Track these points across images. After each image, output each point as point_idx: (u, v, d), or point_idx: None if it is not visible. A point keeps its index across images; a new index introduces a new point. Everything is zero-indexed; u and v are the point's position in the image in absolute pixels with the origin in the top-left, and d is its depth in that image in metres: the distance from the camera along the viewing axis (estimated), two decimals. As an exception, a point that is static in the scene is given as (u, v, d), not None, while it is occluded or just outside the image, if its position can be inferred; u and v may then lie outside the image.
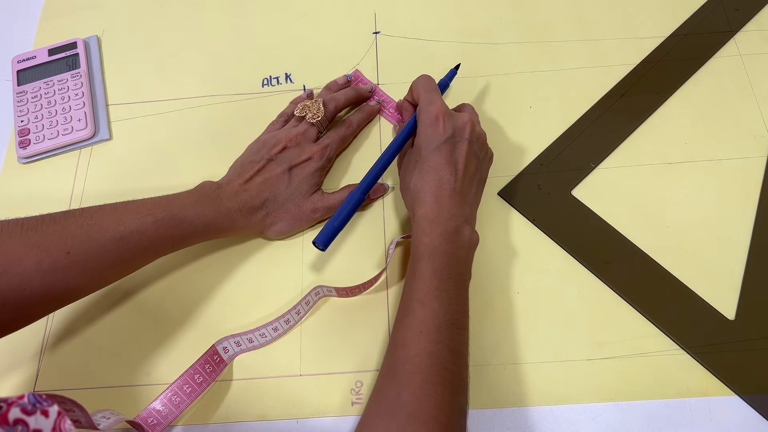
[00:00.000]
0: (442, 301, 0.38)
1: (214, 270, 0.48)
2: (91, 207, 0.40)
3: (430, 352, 0.36)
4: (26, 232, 0.36)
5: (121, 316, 0.47)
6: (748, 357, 0.43)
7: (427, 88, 0.47)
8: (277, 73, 0.57)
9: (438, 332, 0.37)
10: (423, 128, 0.44)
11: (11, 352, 0.46)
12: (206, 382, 0.43)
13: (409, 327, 0.38)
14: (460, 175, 0.43)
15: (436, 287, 0.39)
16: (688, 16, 0.58)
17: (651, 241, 0.47)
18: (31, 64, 0.58)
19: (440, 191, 0.42)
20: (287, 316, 0.44)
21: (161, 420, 0.41)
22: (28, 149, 0.54)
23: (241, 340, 0.44)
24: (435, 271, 0.39)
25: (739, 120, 0.52)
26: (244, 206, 0.44)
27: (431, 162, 0.43)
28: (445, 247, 0.40)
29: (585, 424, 0.42)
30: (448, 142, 0.43)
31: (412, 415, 0.34)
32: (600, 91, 0.54)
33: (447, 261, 0.40)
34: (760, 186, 0.49)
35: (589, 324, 0.45)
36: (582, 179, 0.50)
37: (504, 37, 0.58)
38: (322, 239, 0.43)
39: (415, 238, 0.42)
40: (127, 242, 0.39)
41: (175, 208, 0.41)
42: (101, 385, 0.45)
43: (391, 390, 0.36)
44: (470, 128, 0.44)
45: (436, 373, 0.36)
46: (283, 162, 0.46)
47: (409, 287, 0.40)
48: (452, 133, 0.43)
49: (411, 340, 0.37)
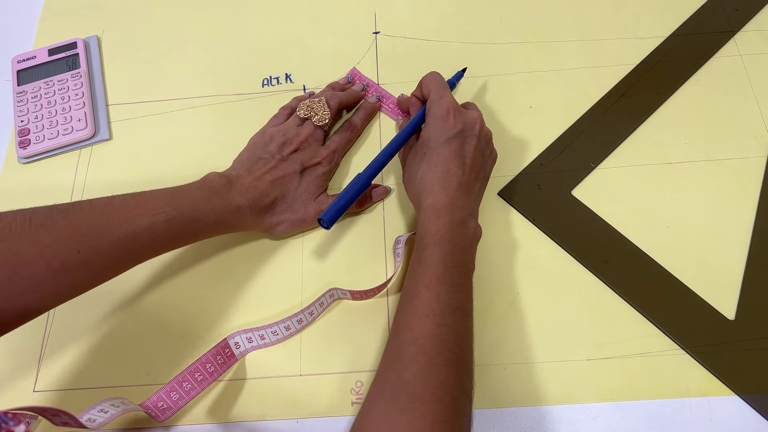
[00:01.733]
0: (448, 286, 0.39)
1: (214, 270, 0.48)
2: (99, 200, 0.39)
3: (434, 335, 0.36)
4: (35, 230, 0.35)
5: (122, 316, 0.47)
6: (748, 357, 0.43)
7: (438, 83, 0.47)
8: (277, 73, 0.57)
9: (443, 316, 0.37)
10: (433, 121, 0.45)
11: (11, 352, 0.46)
12: (217, 372, 0.43)
13: (414, 310, 0.38)
14: (468, 169, 0.43)
15: (442, 273, 0.39)
16: (688, 16, 0.58)
17: (651, 241, 0.47)
18: (31, 64, 0.58)
19: (448, 182, 0.42)
20: (300, 316, 0.44)
21: (171, 405, 0.41)
22: (28, 149, 0.54)
23: (252, 336, 0.44)
24: (441, 258, 0.40)
25: (739, 120, 0.52)
26: (254, 204, 0.44)
27: (440, 154, 0.43)
28: (452, 236, 0.41)
29: (585, 424, 0.42)
30: (458, 137, 0.44)
31: (413, 396, 0.34)
32: (600, 91, 0.54)
33: (453, 249, 0.40)
34: (760, 186, 0.49)
35: (589, 324, 0.45)
36: (582, 179, 0.50)
37: (504, 37, 0.58)
38: (329, 216, 0.44)
39: (422, 227, 0.42)
40: (138, 241, 0.39)
41: (186, 205, 0.41)
42: (101, 385, 0.45)
43: (393, 372, 0.36)
44: (480, 125, 0.45)
45: (441, 355, 0.36)
46: (296, 163, 0.47)
47: (415, 273, 0.40)
48: (462, 128, 0.44)
49: (416, 323, 0.37)
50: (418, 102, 0.50)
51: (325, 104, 0.50)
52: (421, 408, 0.33)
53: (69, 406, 0.44)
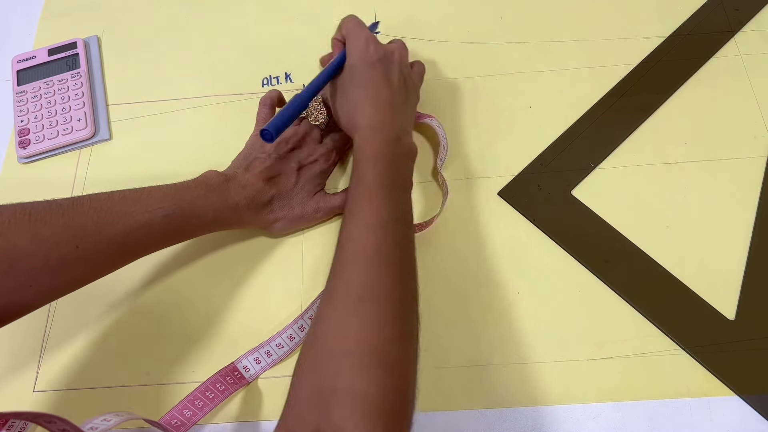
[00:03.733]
0: (388, 199, 0.41)
1: (214, 269, 0.48)
2: (99, 195, 0.39)
3: (376, 244, 0.38)
4: (34, 224, 0.36)
5: (121, 316, 0.47)
6: (748, 357, 0.43)
7: (356, 23, 0.49)
8: (277, 73, 0.57)
9: (384, 227, 0.39)
10: (355, 52, 0.46)
11: (11, 352, 0.46)
12: (228, 390, 0.43)
13: (355, 224, 0.40)
14: (396, 89, 0.46)
15: (380, 187, 0.41)
16: (688, 16, 0.58)
17: (651, 241, 0.47)
18: (31, 64, 0.58)
19: (378, 101, 0.45)
20: (300, 322, 0.44)
21: (185, 421, 0.41)
22: (28, 149, 0.54)
23: (260, 355, 0.44)
24: (379, 174, 0.41)
25: (739, 120, 0.52)
26: (252, 201, 0.45)
27: (367, 77, 0.45)
28: (388, 152, 0.43)
29: (585, 424, 0.42)
30: (380, 61, 0.46)
31: (361, 299, 0.36)
32: (600, 91, 0.54)
33: (390, 166, 0.42)
34: (760, 186, 0.49)
35: (589, 324, 0.45)
36: (582, 179, 0.50)
37: (504, 36, 0.58)
38: (273, 125, 0.42)
39: (359, 147, 0.43)
40: (136, 236, 0.39)
41: (184, 201, 0.41)
42: (101, 385, 0.45)
43: (339, 280, 0.38)
44: (398, 54, 0.48)
45: (384, 261, 0.37)
46: (293, 161, 0.48)
47: (355, 191, 0.42)
48: (382, 56, 0.46)
49: (358, 234, 0.39)
50: (339, 43, 0.51)
51: (321, 104, 0.50)
52: (369, 309, 0.35)
53: (69, 405, 0.44)
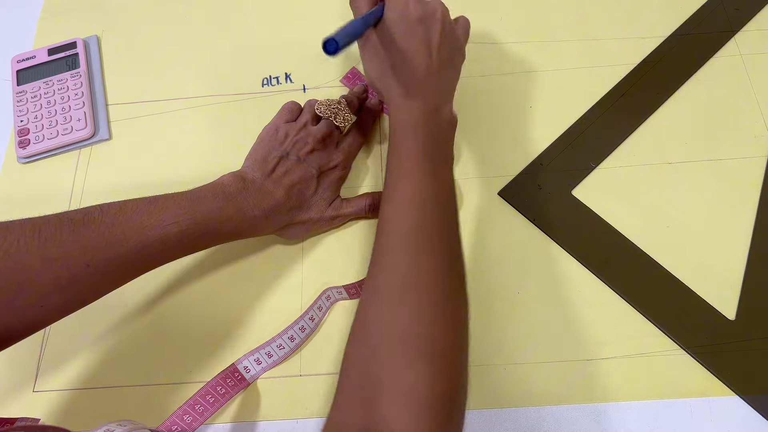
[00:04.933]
0: (429, 174, 0.38)
1: (213, 269, 0.48)
2: (111, 206, 0.38)
3: (419, 224, 0.36)
4: (44, 243, 0.34)
5: (121, 316, 0.47)
6: (748, 357, 0.43)
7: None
8: (277, 73, 0.57)
9: (425, 205, 0.37)
10: (393, 11, 0.41)
11: (11, 352, 0.46)
12: (228, 394, 0.43)
13: (396, 203, 0.38)
14: (435, 55, 0.42)
15: (422, 161, 0.39)
16: (688, 16, 0.58)
17: (651, 241, 0.47)
18: (31, 64, 0.58)
19: (416, 68, 0.41)
20: (301, 323, 0.44)
21: (186, 427, 0.41)
22: (27, 149, 0.54)
23: (260, 356, 0.43)
24: (418, 147, 0.39)
25: (739, 120, 0.52)
26: (270, 213, 0.43)
27: (405, 41, 0.41)
28: (426, 122, 0.40)
29: (585, 424, 0.42)
30: (421, 23, 0.41)
31: (405, 288, 0.34)
32: (600, 91, 0.54)
33: (429, 137, 0.40)
34: (760, 186, 0.49)
35: (589, 324, 0.45)
36: (582, 179, 0.50)
37: (504, 36, 0.58)
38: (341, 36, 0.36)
39: (395, 117, 0.41)
40: (148, 252, 0.37)
41: (200, 214, 0.39)
42: (101, 386, 0.45)
43: (385, 265, 0.36)
44: (441, 11, 0.43)
45: (428, 242, 0.36)
46: (313, 166, 0.46)
47: (393, 165, 0.39)
48: (423, 14, 0.41)
49: (399, 215, 0.37)
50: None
51: (346, 106, 0.48)
52: (413, 298, 0.33)
53: (69, 406, 0.44)
